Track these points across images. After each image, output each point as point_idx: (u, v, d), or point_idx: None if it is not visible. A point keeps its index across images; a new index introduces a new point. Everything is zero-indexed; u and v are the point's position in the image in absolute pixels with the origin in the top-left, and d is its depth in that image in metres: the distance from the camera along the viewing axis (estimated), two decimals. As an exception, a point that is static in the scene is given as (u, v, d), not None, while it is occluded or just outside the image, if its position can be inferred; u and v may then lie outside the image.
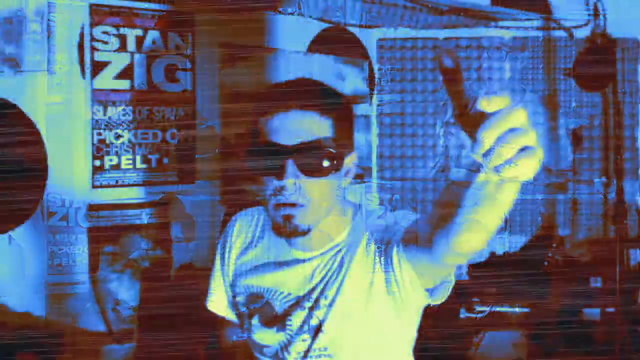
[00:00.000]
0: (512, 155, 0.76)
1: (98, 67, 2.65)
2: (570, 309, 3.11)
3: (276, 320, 1.41)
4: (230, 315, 1.59)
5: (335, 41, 3.49)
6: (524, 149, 0.77)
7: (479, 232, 0.96)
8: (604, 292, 3.15)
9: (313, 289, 1.37)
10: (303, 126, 1.25)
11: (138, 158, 2.76)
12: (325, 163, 1.25)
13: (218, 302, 1.59)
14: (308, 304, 1.37)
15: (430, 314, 1.45)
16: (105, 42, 2.67)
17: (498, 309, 3.10)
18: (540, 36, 3.68)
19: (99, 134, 2.66)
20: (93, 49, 2.64)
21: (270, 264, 1.44)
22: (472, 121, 0.78)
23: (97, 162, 2.66)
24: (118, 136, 2.71)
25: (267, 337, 1.44)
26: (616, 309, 2.92)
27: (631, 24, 3.55)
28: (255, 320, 1.45)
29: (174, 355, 2.33)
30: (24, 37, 2.62)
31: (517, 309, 3.10)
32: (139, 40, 2.75)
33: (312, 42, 3.42)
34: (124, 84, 2.71)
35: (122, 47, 2.71)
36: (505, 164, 0.77)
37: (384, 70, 3.77)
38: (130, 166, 2.74)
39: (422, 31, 3.69)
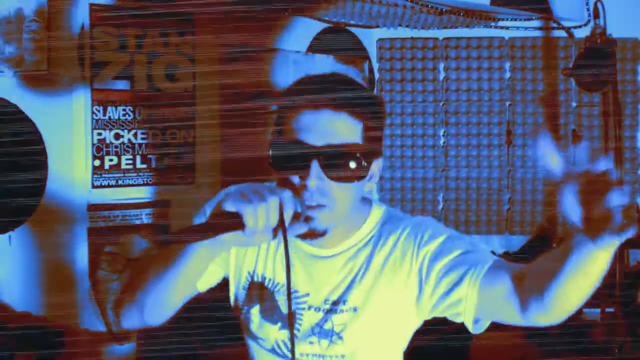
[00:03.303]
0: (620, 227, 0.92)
1: (98, 67, 2.65)
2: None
3: (280, 317, 1.32)
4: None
5: (335, 41, 3.49)
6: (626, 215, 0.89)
7: (573, 298, 1.07)
8: (604, 292, 3.15)
9: (331, 291, 1.29)
10: (334, 128, 1.18)
11: (138, 158, 2.76)
12: (352, 164, 1.17)
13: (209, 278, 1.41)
14: (325, 307, 1.29)
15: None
16: (106, 42, 2.67)
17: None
18: (540, 36, 3.68)
19: (99, 134, 2.66)
20: (93, 49, 2.64)
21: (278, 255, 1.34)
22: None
23: (97, 162, 2.66)
24: (118, 136, 2.71)
25: (267, 331, 1.35)
26: (616, 309, 2.91)
27: (631, 24, 3.55)
28: (255, 310, 1.36)
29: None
30: (24, 37, 2.62)
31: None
32: (139, 40, 2.75)
33: (312, 42, 3.42)
34: (124, 84, 2.71)
35: (122, 47, 2.71)
36: (616, 238, 0.94)
37: (384, 70, 3.77)
38: (130, 166, 2.74)
39: (422, 31, 3.69)
